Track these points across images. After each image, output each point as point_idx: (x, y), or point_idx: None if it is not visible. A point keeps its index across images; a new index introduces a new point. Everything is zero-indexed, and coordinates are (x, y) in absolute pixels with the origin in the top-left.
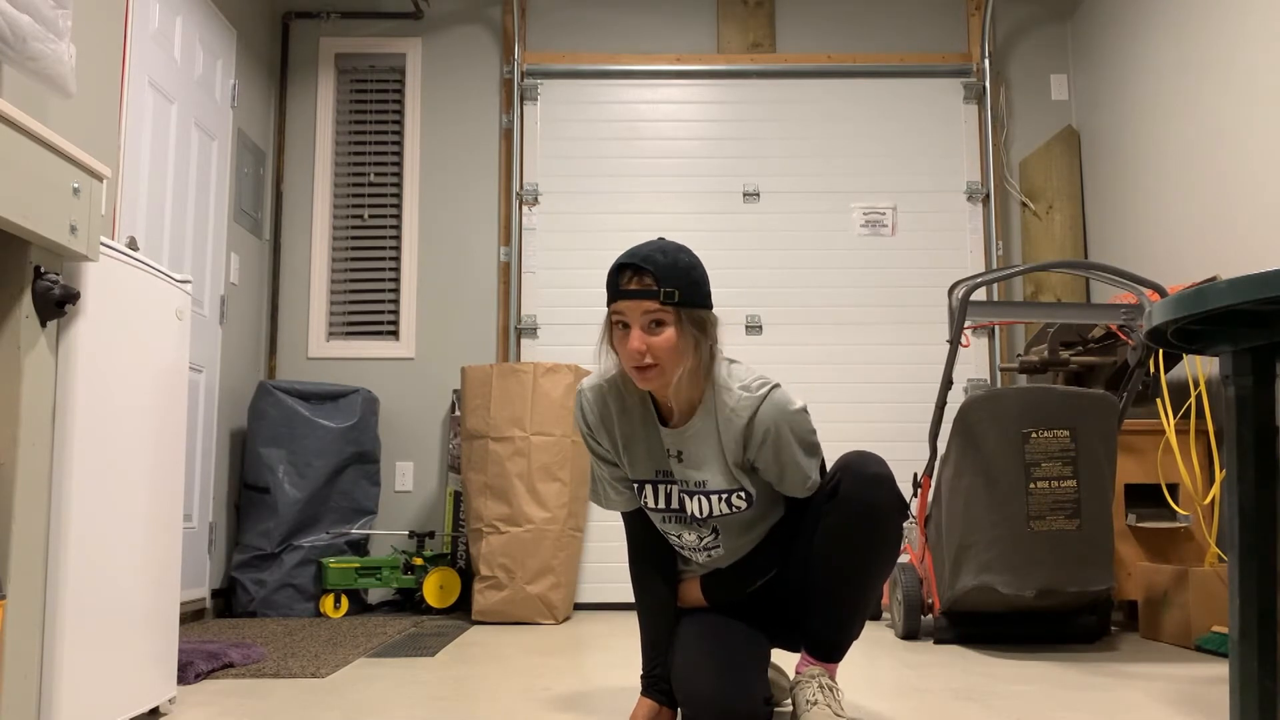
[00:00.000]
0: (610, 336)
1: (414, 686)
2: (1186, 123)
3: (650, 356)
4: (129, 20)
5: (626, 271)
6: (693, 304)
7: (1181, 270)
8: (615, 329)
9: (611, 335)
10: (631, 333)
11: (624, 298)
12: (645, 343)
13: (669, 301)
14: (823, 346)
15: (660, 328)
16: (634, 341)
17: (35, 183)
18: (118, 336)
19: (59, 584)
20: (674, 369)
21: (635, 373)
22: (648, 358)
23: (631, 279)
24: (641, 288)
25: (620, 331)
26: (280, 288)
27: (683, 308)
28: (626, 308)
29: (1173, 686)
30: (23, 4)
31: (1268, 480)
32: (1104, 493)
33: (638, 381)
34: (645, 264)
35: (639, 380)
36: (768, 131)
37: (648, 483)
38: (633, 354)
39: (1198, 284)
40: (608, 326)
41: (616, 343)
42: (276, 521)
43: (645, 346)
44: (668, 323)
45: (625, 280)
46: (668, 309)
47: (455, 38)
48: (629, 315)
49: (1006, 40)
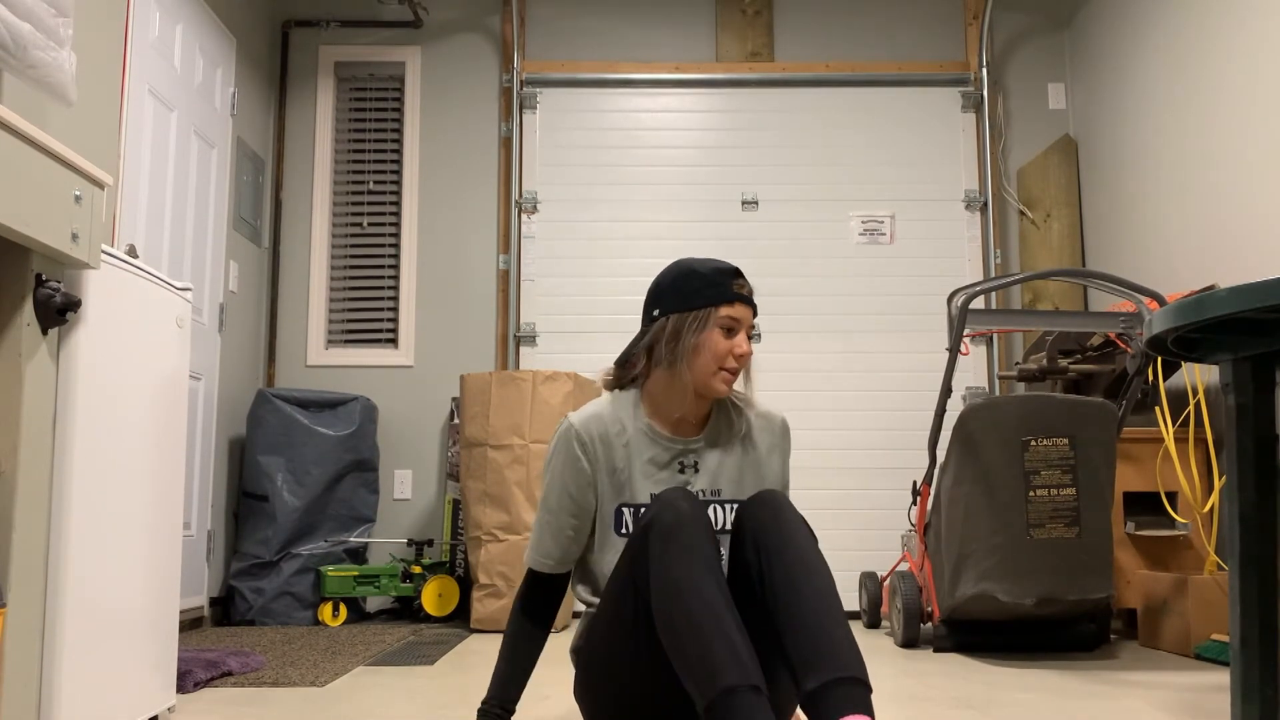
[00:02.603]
0: (701, 334)
1: (413, 695)
2: (1184, 131)
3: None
4: (129, 28)
5: (739, 279)
6: None
7: (1179, 278)
8: (717, 330)
9: (700, 336)
10: (741, 336)
11: (743, 303)
12: (750, 349)
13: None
14: (821, 354)
15: (749, 340)
16: (746, 345)
17: (37, 190)
18: (118, 344)
19: (59, 592)
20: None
21: (723, 375)
22: (745, 363)
23: (744, 287)
24: (750, 298)
25: (721, 334)
26: (279, 296)
27: None
28: (744, 313)
29: (1172, 694)
30: (24, 12)
31: (1268, 488)
32: (1103, 501)
33: (719, 385)
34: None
35: (721, 383)
36: (766, 140)
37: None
38: (744, 356)
39: (1197, 292)
40: (702, 324)
41: (714, 341)
42: (275, 529)
43: (750, 352)
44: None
45: (740, 286)
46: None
47: (455, 46)
48: (744, 320)
49: (1004, 49)
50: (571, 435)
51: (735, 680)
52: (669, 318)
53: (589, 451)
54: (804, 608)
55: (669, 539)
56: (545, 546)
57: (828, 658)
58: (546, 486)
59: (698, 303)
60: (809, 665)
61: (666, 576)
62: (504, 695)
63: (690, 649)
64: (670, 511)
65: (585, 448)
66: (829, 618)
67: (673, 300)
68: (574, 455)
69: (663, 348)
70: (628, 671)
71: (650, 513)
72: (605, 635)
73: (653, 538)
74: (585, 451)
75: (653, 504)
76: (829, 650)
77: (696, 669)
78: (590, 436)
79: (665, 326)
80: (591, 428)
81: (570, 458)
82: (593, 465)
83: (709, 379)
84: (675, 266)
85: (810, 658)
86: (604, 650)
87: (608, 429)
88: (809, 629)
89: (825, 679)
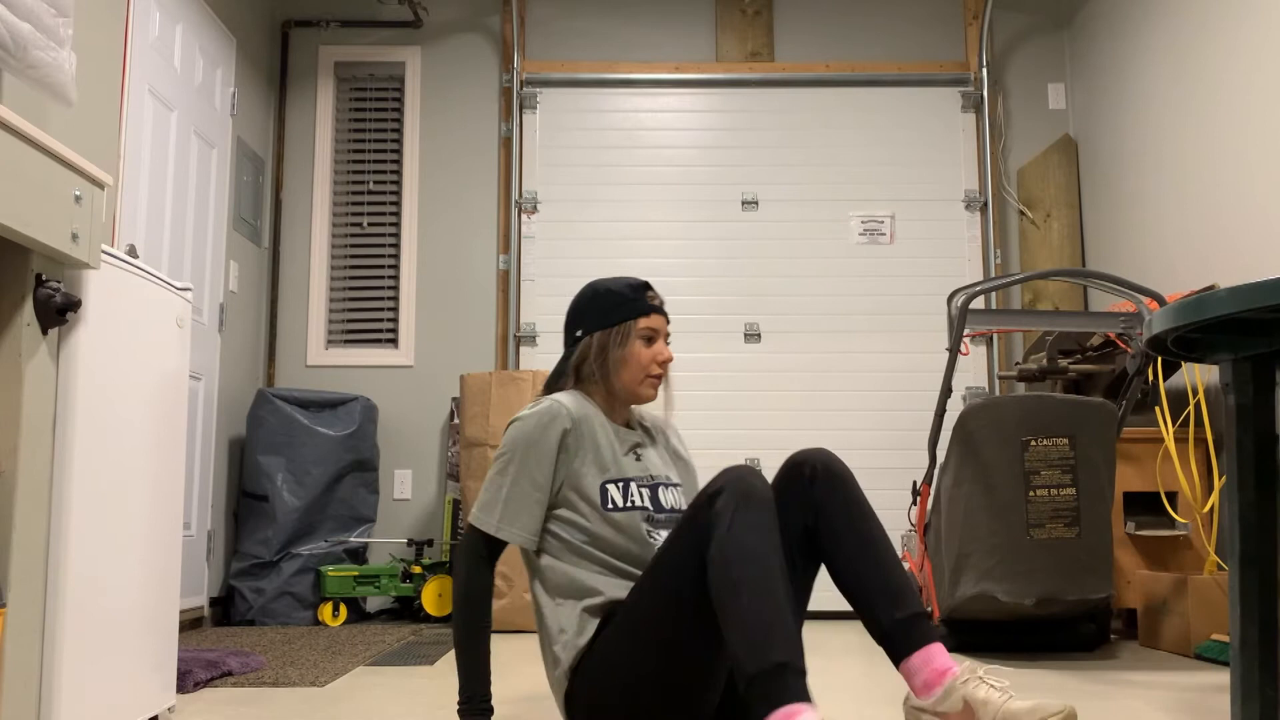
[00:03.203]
0: (625, 347)
1: (413, 695)
2: (1183, 131)
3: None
4: (129, 28)
5: (650, 291)
6: None
7: (1179, 278)
8: (639, 341)
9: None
10: (660, 343)
11: (658, 313)
12: (670, 355)
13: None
14: (821, 354)
15: (668, 345)
16: (668, 352)
17: (37, 190)
18: (118, 344)
19: (59, 592)
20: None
21: (650, 381)
22: (667, 369)
23: (657, 298)
24: (661, 307)
25: (643, 344)
26: (279, 295)
27: None
28: (659, 322)
29: (1172, 694)
30: (24, 12)
31: (1267, 488)
32: (1103, 501)
33: (647, 391)
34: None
35: (650, 389)
36: (766, 140)
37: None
38: (666, 362)
39: (1197, 292)
40: (618, 339)
41: (637, 352)
42: (275, 529)
43: (671, 358)
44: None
45: (652, 298)
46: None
47: (454, 46)
48: (660, 329)
49: (1004, 49)
50: (561, 410)
51: (788, 658)
52: (593, 336)
53: (579, 427)
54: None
55: (745, 506)
56: (520, 519)
57: (910, 595)
58: (524, 459)
59: (617, 318)
60: (895, 599)
61: (739, 541)
62: (482, 690)
63: (749, 615)
64: (745, 483)
65: (576, 424)
66: (899, 563)
67: (594, 319)
68: (563, 429)
69: (592, 364)
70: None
71: (722, 482)
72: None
73: (724, 502)
74: (576, 426)
75: (723, 475)
76: (910, 590)
77: (753, 634)
78: (579, 415)
79: (590, 344)
80: (573, 407)
81: (560, 431)
82: (578, 441)
83: (637, 387)
84: (589, 288)
85: (896, 593)
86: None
87: (585, 409)
88: (889, 567)
89: (910, 611)
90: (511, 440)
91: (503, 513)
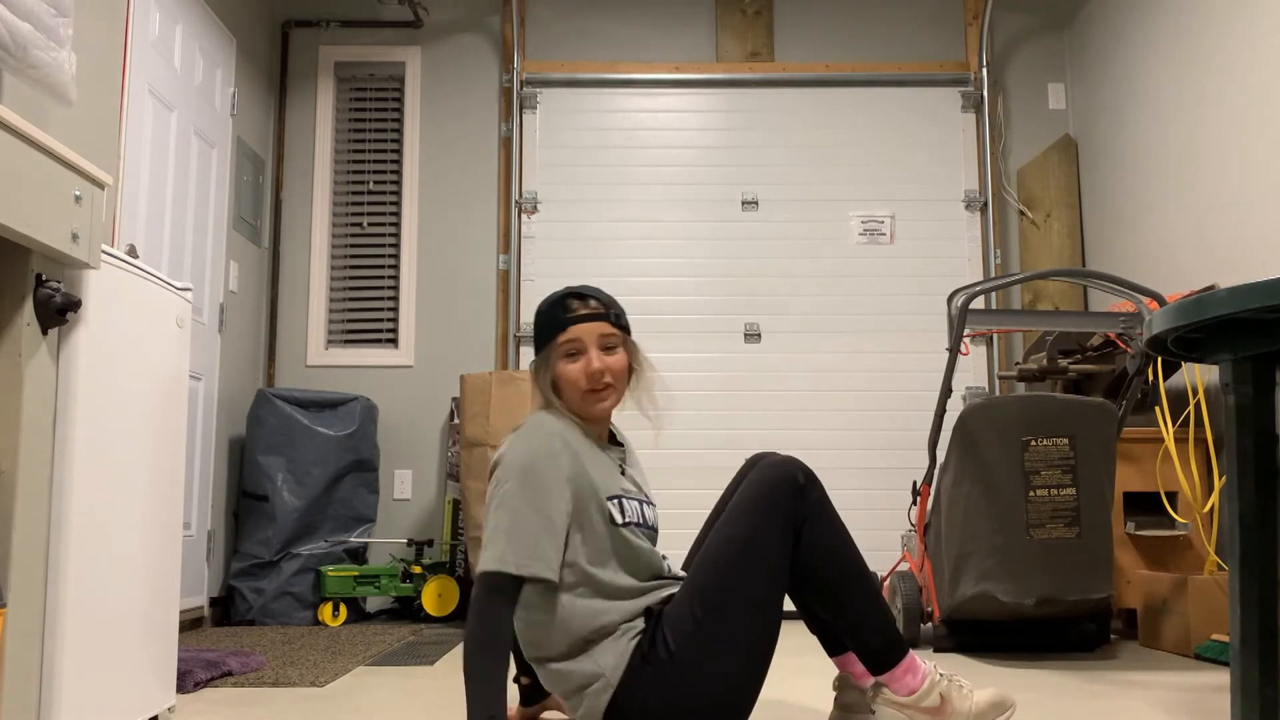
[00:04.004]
0: (551, 370)
1: (413, 695)
2: (1183, 131)
3: (610, 375)
4: (129, 28)
5: (573, 300)
6: (629, 332)
7: (1179, 278)
8: (562, 360)
9: (556, 370)
10: (590, 354)
11: (578, 321)
12: (604, 363)
13: (618, 324)
14: (821, 354)
15: (612, 351)
16: (594, 361)
17: (37, 190)
18: (118, 344)
19: (59, 592)
20: (622, 391)
21: (591, 395)
22: (607, 377)
23: (580, 306)
24: (592, 311)
25: (569, 360)
26: (279, 295)
27: (626, 333)
28: (582, 331)
29: (1172, 695)
30: (24, 12)
31: (1268, 488)
32: (1103, 501)
33: (591, 405)
34: (587, 291)
35: (594, 403)
36: (766, 140)
37: (618, 498)
38: (594, 373)
39: (1196, 292)
40: (548, 361)
41: (565, 371)
42: (275, 530)
43: (605, 366)
44: (618, 346)
45: (575, 307)
46: (617, 332)
47: (455, 46)
48: (585, 338)
49: (1004, 49)
50: (553, 434)
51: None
52: (534, 361)
53: (571, 447)
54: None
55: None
56: (529, 550)
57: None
58: (536, 490)
59: (542, 341)
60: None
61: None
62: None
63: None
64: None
65: (568, 444)
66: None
67: (536, 344)
68: (558, 450)
69: (546, 389)
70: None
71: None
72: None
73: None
74: (568, 446)
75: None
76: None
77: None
78: (570, 435)
79: (535, 373)
80: (561, 428)
81: (557, 452)
82: (576, 462)
83: (581, 404)
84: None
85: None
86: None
87: (570, 429)
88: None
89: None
90: (514, 471)
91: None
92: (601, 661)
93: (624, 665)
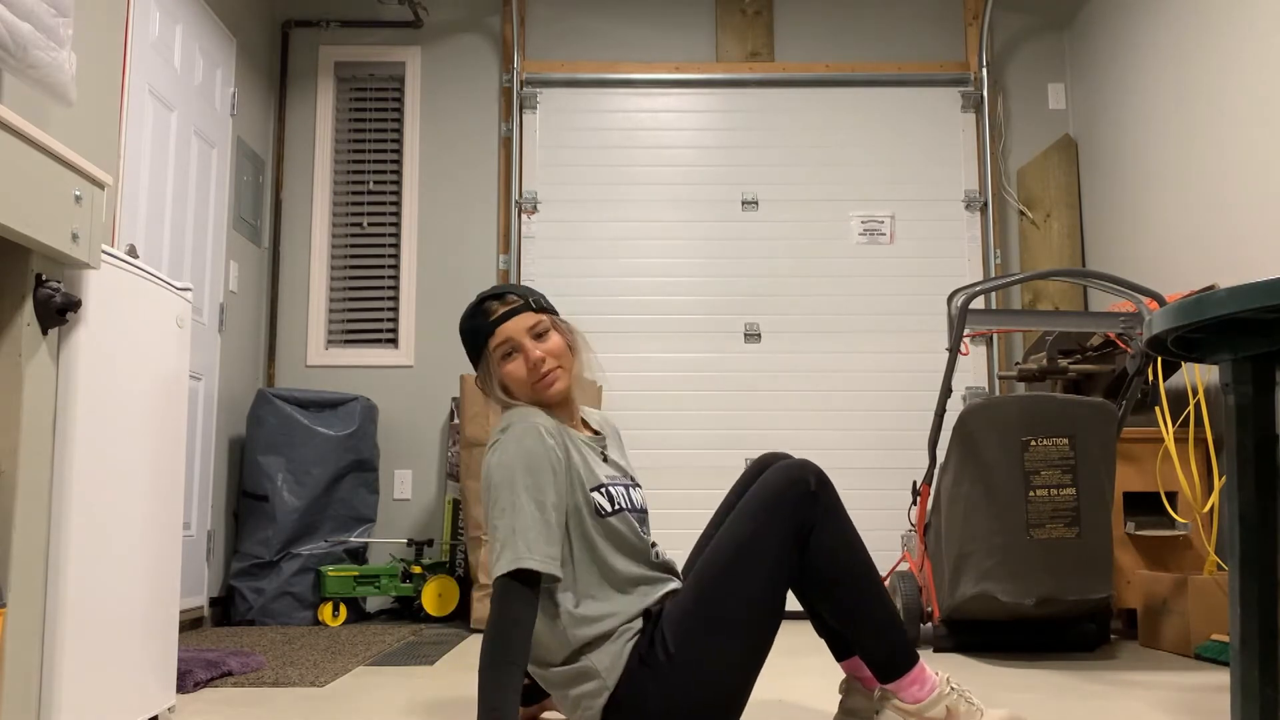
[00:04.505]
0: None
1: (413, 695)
2: (1183, 131)
3: (552, 359)
4: (129, 29)
5: (489, 303)
6: (554, 313)
7: (1179, 278)
8: (501, 363)
9: (499, 374)
10: (525, 346)
11: (502, 321)
12: (543, 350)
13: (540, 308)
14: (821, 354)
15: (545, 336)
16: (533, 352)
17: (37, 190)
18: (118, 344)
19: (59, 592)
20: (570, 370)
21: (541, 383)
22: (549, 362)
23: (499, 305)
24: (512, 307)
25: (507, 361)
26: (279, 295)
27: (551, 314)
28: (509, 329)
29: (1172, 695)
30: (24, 12)
31: (1267, 489)
32: (1103, 501)
33: (546, 392)
34: (500, 290)
35: (546, 389)
36: (766, 140)
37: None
38: (535, 363)
39: (1196, 292)
40: (490, 369)
41: (508, 372)
42: (275, 529)
43: (544, 353)
44: (548, 329)
45: (494, 309)
46: (542, 315)
47: (455, 46)
48: (515, 335)
49: (1004, 49)
50: (540, 428)
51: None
52: (476, 374)
53: (560, 442)
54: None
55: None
56: (544, 548)
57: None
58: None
59: (475, 355)
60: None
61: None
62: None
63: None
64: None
65: (555, 438)
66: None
67: (470, 357)
68: (550, 444)
69: (499, 395)
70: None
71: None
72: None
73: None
74: (558, 442)
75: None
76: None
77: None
78: (553, 428)
79: (482, 386)
80: (543, 419)
81: (550, 446)
82: (564, 452)
83: (535, 395)
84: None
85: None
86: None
87: (553, 421)
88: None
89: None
90: (517, 471)
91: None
92: (598, 664)
93: (621, 667)
